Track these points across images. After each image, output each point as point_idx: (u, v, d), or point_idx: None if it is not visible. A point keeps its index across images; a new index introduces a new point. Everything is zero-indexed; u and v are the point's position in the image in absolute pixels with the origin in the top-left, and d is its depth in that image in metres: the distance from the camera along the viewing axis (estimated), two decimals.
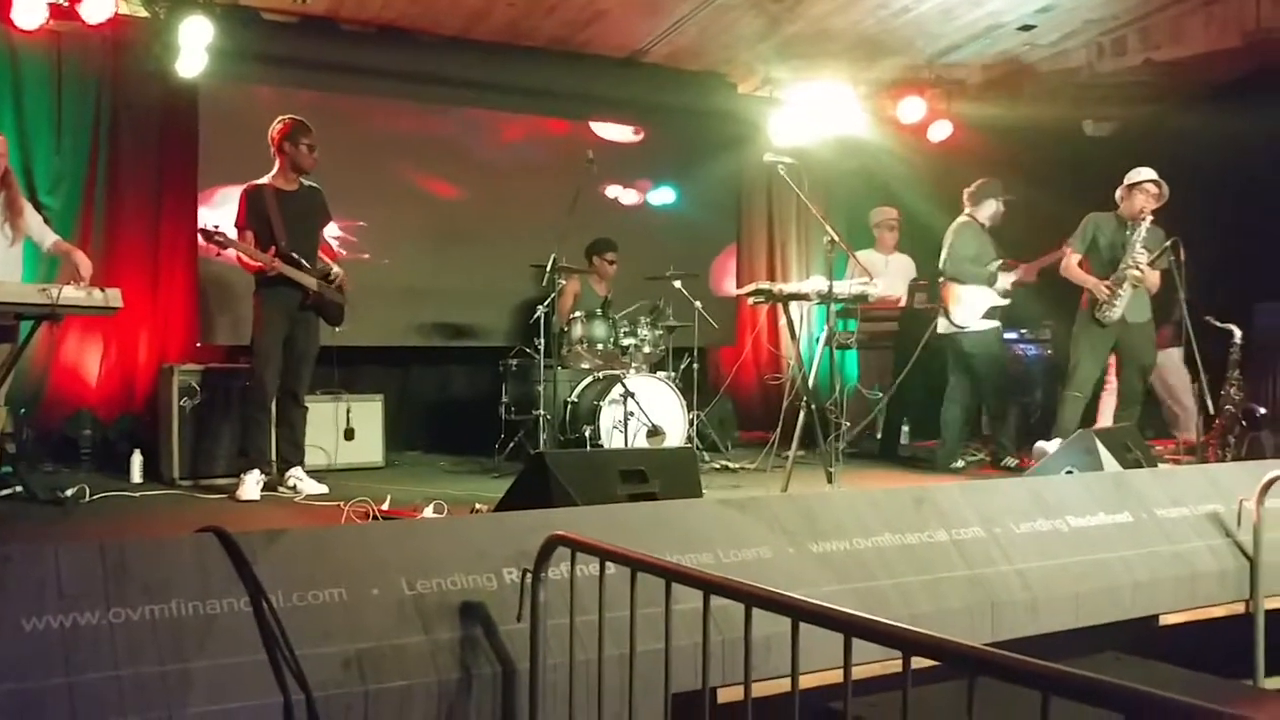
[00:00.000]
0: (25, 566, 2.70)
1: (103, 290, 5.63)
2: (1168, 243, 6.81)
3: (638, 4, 7.66)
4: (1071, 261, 7.05)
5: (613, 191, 8.85)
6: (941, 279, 7.50)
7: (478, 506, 5.19)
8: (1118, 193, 7.00)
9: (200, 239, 6.07)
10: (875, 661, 2.19)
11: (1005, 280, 7.37)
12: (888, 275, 8.37)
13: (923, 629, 1.88)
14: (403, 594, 3.01)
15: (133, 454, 6.48)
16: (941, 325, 7.44)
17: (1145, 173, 6.90)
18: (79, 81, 7.34)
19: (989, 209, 7.47)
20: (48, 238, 5.94)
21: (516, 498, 4.14)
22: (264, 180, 6.11)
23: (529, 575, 2.88)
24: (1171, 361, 7.85)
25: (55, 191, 7.23)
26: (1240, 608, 4.54)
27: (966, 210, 7.55)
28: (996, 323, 7.43)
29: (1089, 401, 7.08)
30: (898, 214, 9.00)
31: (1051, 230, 7.41)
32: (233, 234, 5.99)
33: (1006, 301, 7.37)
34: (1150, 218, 6.88)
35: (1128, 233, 6.88)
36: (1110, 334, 6.88)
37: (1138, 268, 6.78)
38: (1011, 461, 7.35)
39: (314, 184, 6.29)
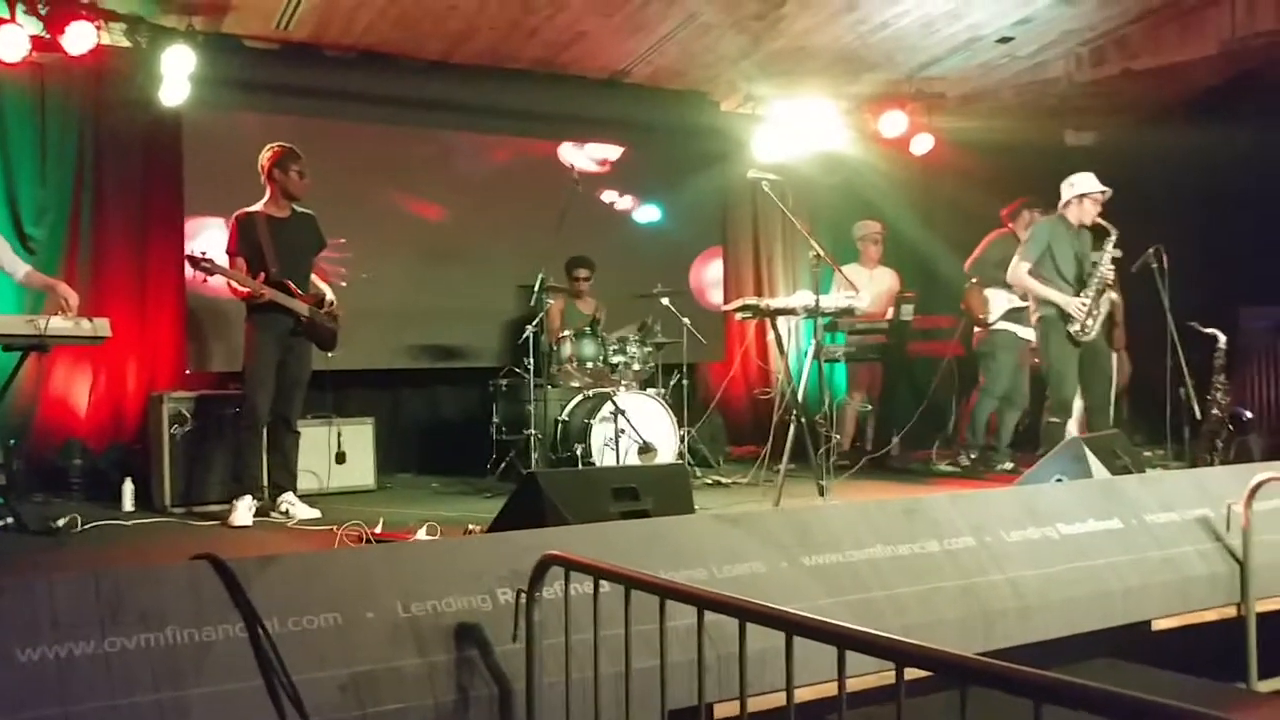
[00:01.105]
0: (19, 598, 2.70)
1: (90, 320, 5.63)
2: (1150, 250, 6.85)
3: (619, 25, 7.69)
4: (1023, 270, 6.85)
5: (598, 211, 8.85)
6: (970, 282, 7.66)
7: (471, 527, 5.19)
8: (1064, 200, 6.90)
9: (188, 265, 6.07)
10: (871, 674, 2.19)
11: None
12: (872, 288, 8.40)
13: (916, 639, 1.89)
14: (397, 617, 3.01)
15: (124, 483, 6.46)
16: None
17: (1092, 181, 6.84)
18: (62, 112, 7.33)
19: (1025, 220, 7.69)
20: (19, 268, 5.88)
21: (509, 518, 4.14)
22: (255, 207, 6.13)
23: (523, 595, 2.88)
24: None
25: (41, 222, 7.21)
26: (1231, 611, 4.56)
27: (1007, 225, 7.85)
28: (1011, 325, 7.54)
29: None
30: (881, 227, 9.03)
31: None
32: (222, 260, 6.00)
33: (1025, 304, 7.35)
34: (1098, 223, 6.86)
35: (1078, 242, 6.82)
36: (1078, 348, 6.82)
37: (1110, 284, 6.77)
38: (1008, 465, 7.37)
39: (307, 210, 6.31)
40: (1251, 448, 7.19)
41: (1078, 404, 7.07)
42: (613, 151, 9.00)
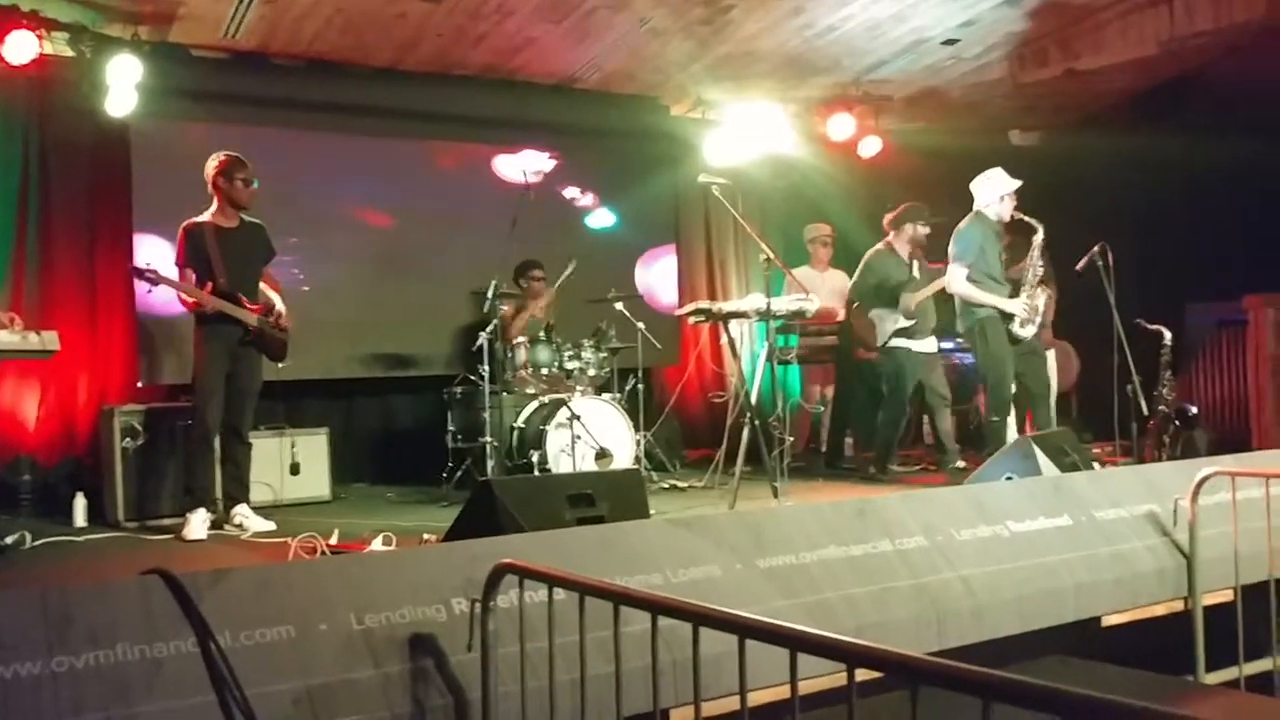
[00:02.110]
0: None
1: (38, 333, 5.54)
2: (1095, 248, 6.92)
3: (567, 30, 7.69)
4: (961, 277, 6.79)
5: (550, 217, 8.82)
6: (853, 306, 7.65)
7: (426, 537, 5.16)
8: (983, 201, 6.89)
9: (134, 278, 6.02)
10: (825, 675, 2.20)
11: (907, 301, 7.41)
12: (823, 291, 8.42)
13: (870, 640, 1.90)
14: (351, 628, 2.99)
15: (75, 497, 6.37)
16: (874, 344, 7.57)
17: (1007, 179, 6.84)
18: (5, 123, 7.22)
19: (908, 234, 7.56)
20: None
21: (464, 526, 4.12)
22: (203, 218, 6.07)
23: (478, 605, 2.87)
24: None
25: None
26: (1180, 605, 4.61)
27: (887, 238, 7.65)
28: (906, 342, 7.48)
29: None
30: (831, 230, 9.08)
31: None
32: (171, 272, 5.95)
33: (911, 323, 7.39)
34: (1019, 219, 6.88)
35: (1003, 239, 6.89)
36: (1014, 345, 6.81)
37: (1045, 279, 6.82)
38: (960, 464, 7.40)
39: (256, 220, 6.26)
40: (1197, 443, 7.28)
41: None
42: (547, 163, 8.96)
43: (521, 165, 8.09)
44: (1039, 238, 6.80)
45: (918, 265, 7.54)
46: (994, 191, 6.84)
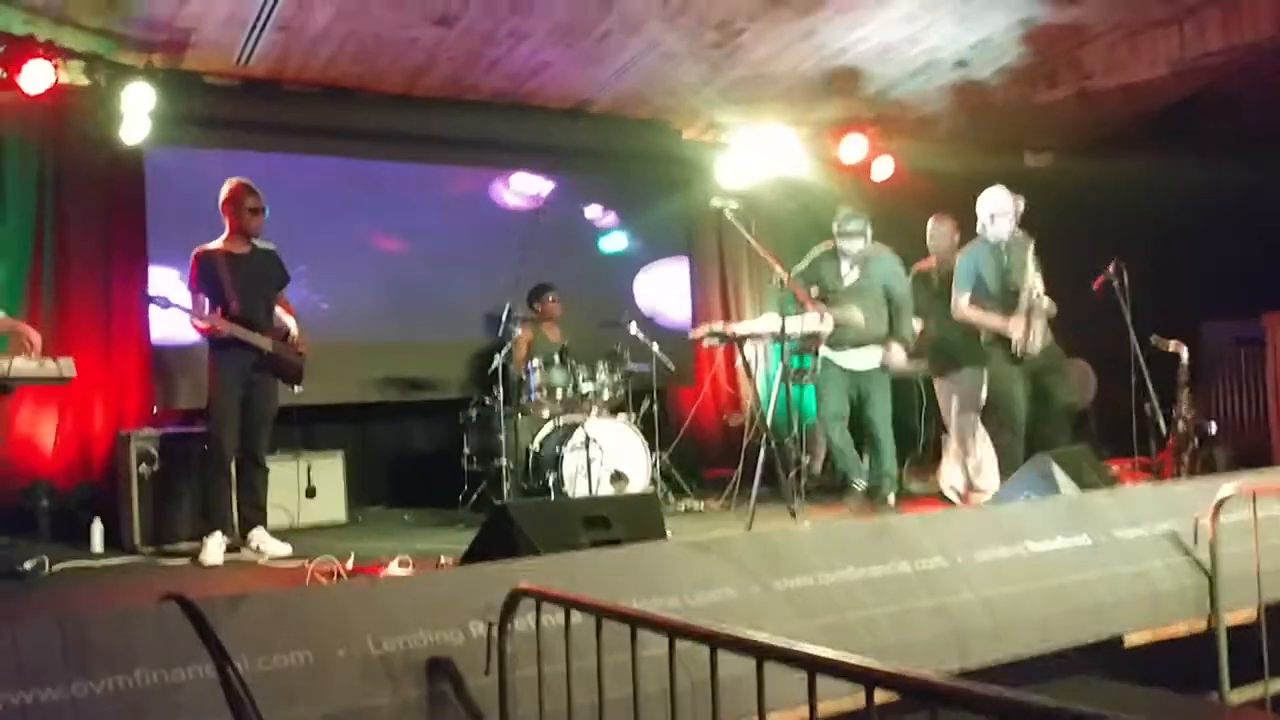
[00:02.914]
0: None
1: (55, 360, 5.58)
2: (1110, 267, 6.89)
3: (580, 55, 7.72)
4: (963, 303, 6.79)
5: (563, 240, 8.84)
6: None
7: (443, 560, 5.16)
8: (979, 223, 6.84)
9: (148, 304, 6.07)
10: (844, 697, 2.19)
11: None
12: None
13: (890, 661, 1.89)
14: (369, 653, 2.98)
15: (92, 523, 6.39)
16: None
17: (1001, 197, 6.74)
18: (21, 152, 7.28)
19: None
20: None
21: (481, 550, 4.12)
22: (215, 244, 6.11)
23: (494, 628, 2.86)
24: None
25: (1, 262, 7.15)
26: (1202, 624, 4.57)
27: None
28: (827, 351, 7.26)
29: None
30: None
31: None
32: (185, 298, 5.99)
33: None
34: (1019, 233, 6.83)
35: (1006, 259, 6.74)
36: (1023, 365, 6.74)
37: (1041, 293, 6.75)
38: (890, 499, 6.91)
39: (268, 246, 6.29)
40: (1217, 460, 7.25)
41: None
42: (544, 185, 8.97)
43: (517, 189, 8.13)
44: (1029, 250, 6.75)
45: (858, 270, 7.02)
46: (984, 211, 6.77)
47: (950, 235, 7.59)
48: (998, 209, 6.72)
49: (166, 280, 6.96)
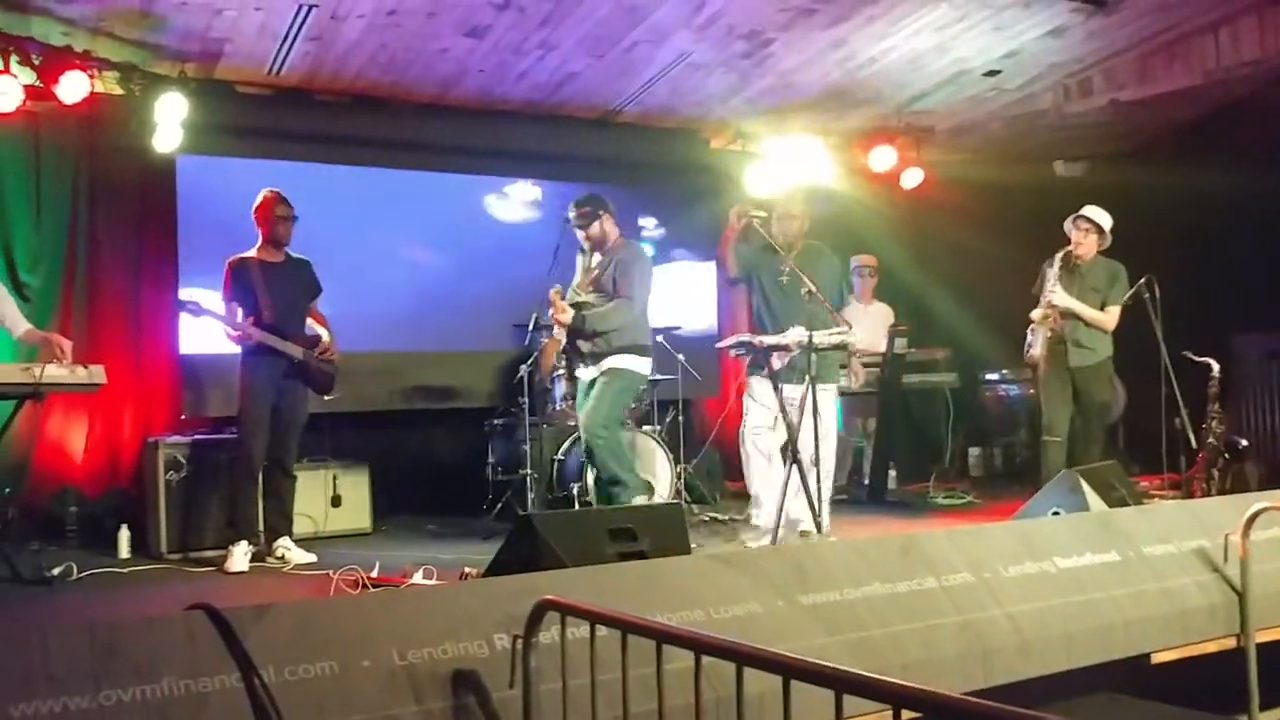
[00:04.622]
0: (12, 650, 2.68)
1: (86, 367, 5.65)
2: (1141, 280, 6.86)
3: (609, 65, 7.75)
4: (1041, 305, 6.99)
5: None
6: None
7: (467, 570, 5.17)
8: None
9: (178, 310, 6.13)
10: (871, 713, 2.19)
11: None
12: (866, 323, 8.37)
13: (915, 678, 1.89)
14: (394, 664, 3.00)
15: (120, 529, 6.44)
16: None
17: (1085, 210, 6.86)
18: (57, 160, 7.36)
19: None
20: (20, 325, 5.92)
21: (505, 561, 4.13)
22: (249, 253, 6.19)
23: (519, 641, 2.87)
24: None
25: (35, 269, 7.24)
26: (1231, 642, 4.54)
27: None
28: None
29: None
30: (875, 261, 9.06)
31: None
32: (216, 306, 6.05)
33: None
34: (1089, 257, 6.86)
35: (1076, 274, 6.85)
36: (1065, 374, 6.86)
37: (1048, 306, 6.78)
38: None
39: (302, 256, 6.36)
40: (1248, 476, 7.19)
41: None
42: (533, 191, 8.99)
43: (511, 199, 8.20)
44: (1054, 267, 6.79)
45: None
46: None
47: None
48: (1073, 220, 6.90)
49: (196, 288, 7.01)
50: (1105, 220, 6.87)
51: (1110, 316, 6.88)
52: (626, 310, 6.16)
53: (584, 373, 6.30)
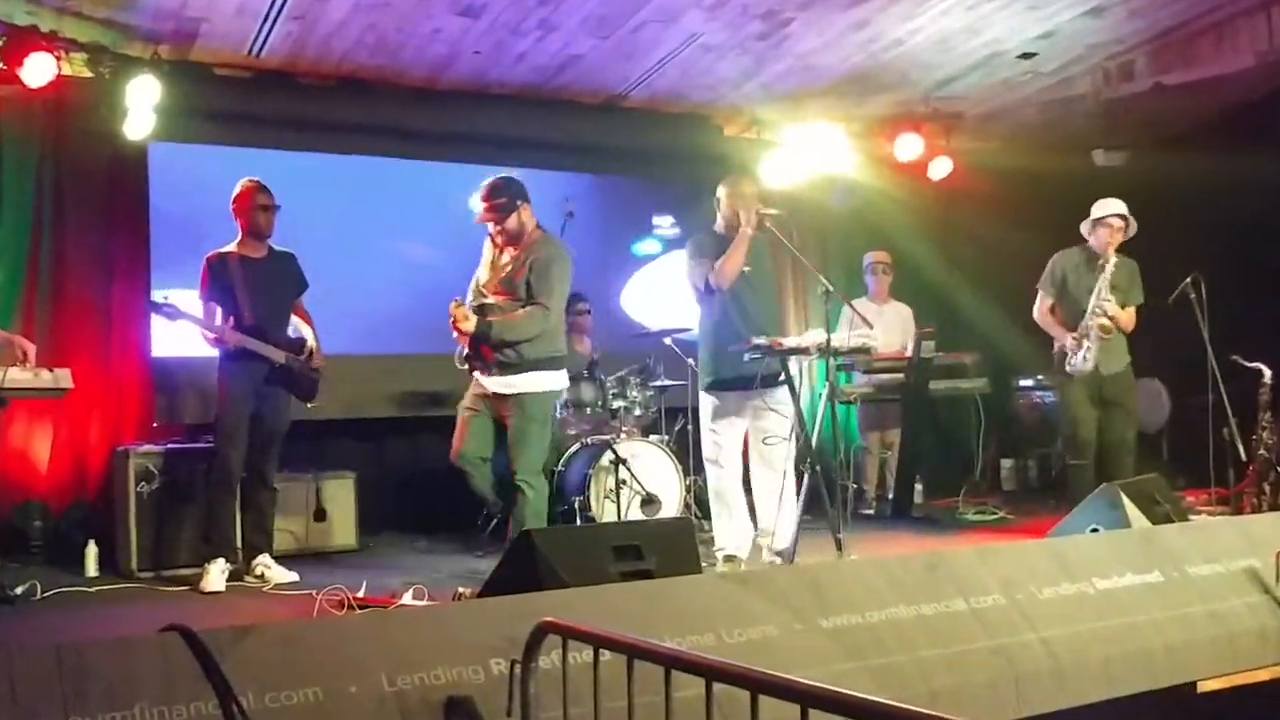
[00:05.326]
0: None
1: (50, 371, 5.66)
2: (1187, 279, 6.87)
3: (614, 47, 7.75)
4: (1043, 306, 7.14)
5: (594, 242, 8.86)
6: None
7: (461, 591, 5.19)
8: (1083, 226, 7.07)
9: (150, 311, 6.13)
10: None
11: None
12: (882, 324, 8.33)
13: (943, 707, 1.90)
14: (383, 691, 3.01)
15: (87, 545, 6.46)
16: None
17: (1111, 205, 6.92)
18: (20, 148, 7.36)
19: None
20: None
21: (502, 580, 4.14)
22: (229, 248, 6.20)
23: (518, 666, 2.88)
24: None
25: None
26: None
27: None
28: None
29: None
30: (890, 258, 9.06)
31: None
32: (192, 305, 6.06)
33: None
34: (1114, 256, 6.91)
35: (1099, 274, 6.91)
36: (1091, 385, 6.88)
37: (1106, 315, 6.79)
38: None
39: (286, 250, 6.37)
40: None
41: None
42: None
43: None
44: (1105, 270, 6.81)
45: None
46: (1094, 215, 6.98)
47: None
48: (1102, 217, 6.93)
49: (170, 286, 7.03)
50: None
51: (1132, 318, 6.93)
52: (542, 320, 5.73)
53: (490, 382, 5.77)
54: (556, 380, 5.90)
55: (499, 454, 5.87)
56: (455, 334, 5.85)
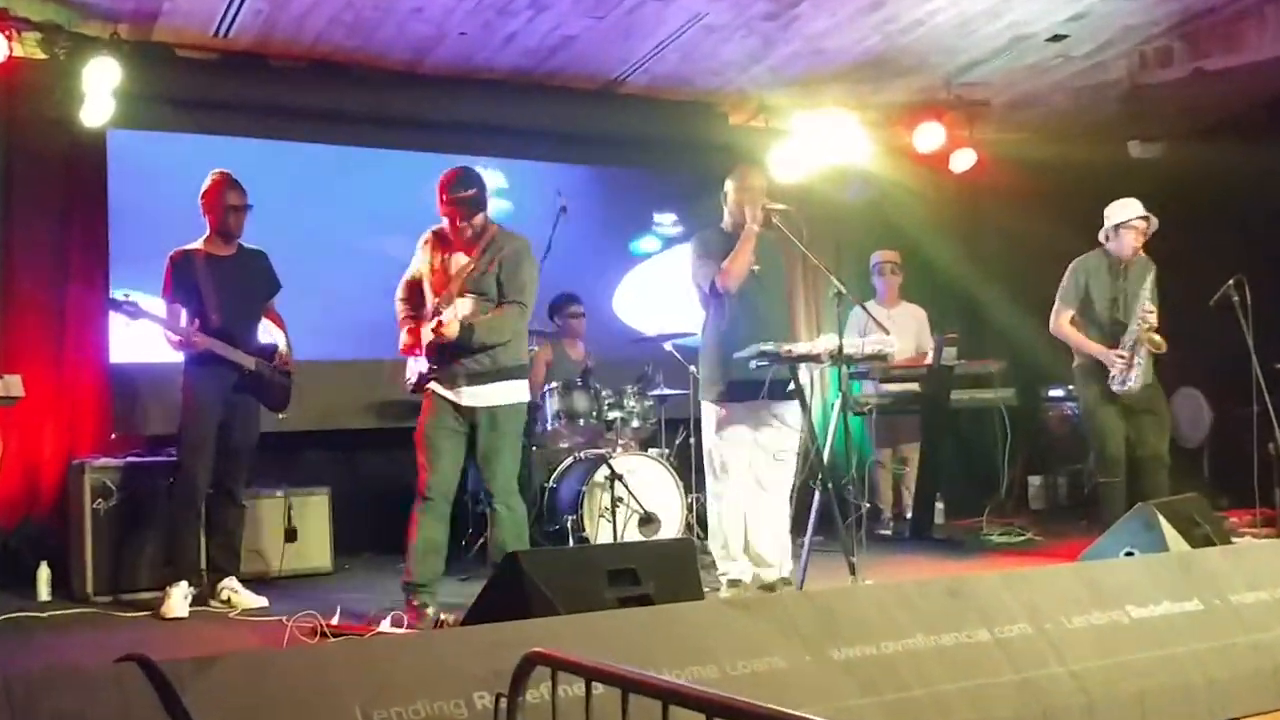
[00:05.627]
0: None
1: (0, 377, 5.65)
2: (1230, 281, 6.88)
3: (611, 28, 7.76)
4: (1063, 319, 7.06)
5: (589, 240, 8.87)
6: None
7: (443, 618, 5.20)
8: (1101, 232, 7.04)
9: (110, 310, 6.12)
10: None
11: None
12: (894, 329, 8.29)
13: None
14: None
15: (39, 567, 6.45)
16: None
17: (1133, 207, 6.91)
18: None
19: None
20: None
21: (487, 607, 4.14)
22: (195, 245, 6.20)
23: (504, 700, 2.88)
24: None
25: None
26: None
27: None
28: None
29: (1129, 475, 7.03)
30: (899, 257, 9.06)
31: None
32: (155, 305, 6.05)
33: None
34: (1143, 256, 6.92)
35: (1122, 280, 6.91)
36: (1122, 399, 6.88)
37: (1152, 327, 6.77)
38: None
39: (257, 248, 6.38)
40: None
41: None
42: (492, 179, 8.98)
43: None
44: (1149, 278, 6.80)
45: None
46: (1109, 221, 6.95)
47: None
48: (1120, 218, 6.82)
49: (131, 286, 7.02)
50: None
51: None
52: (519, 318, 5.70)
53: (459, 394, 5.65)
54: (525, 392, 5.86)
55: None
56: (416, 349, 5.74)
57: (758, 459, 6.19)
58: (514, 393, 5.72)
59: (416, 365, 5.76)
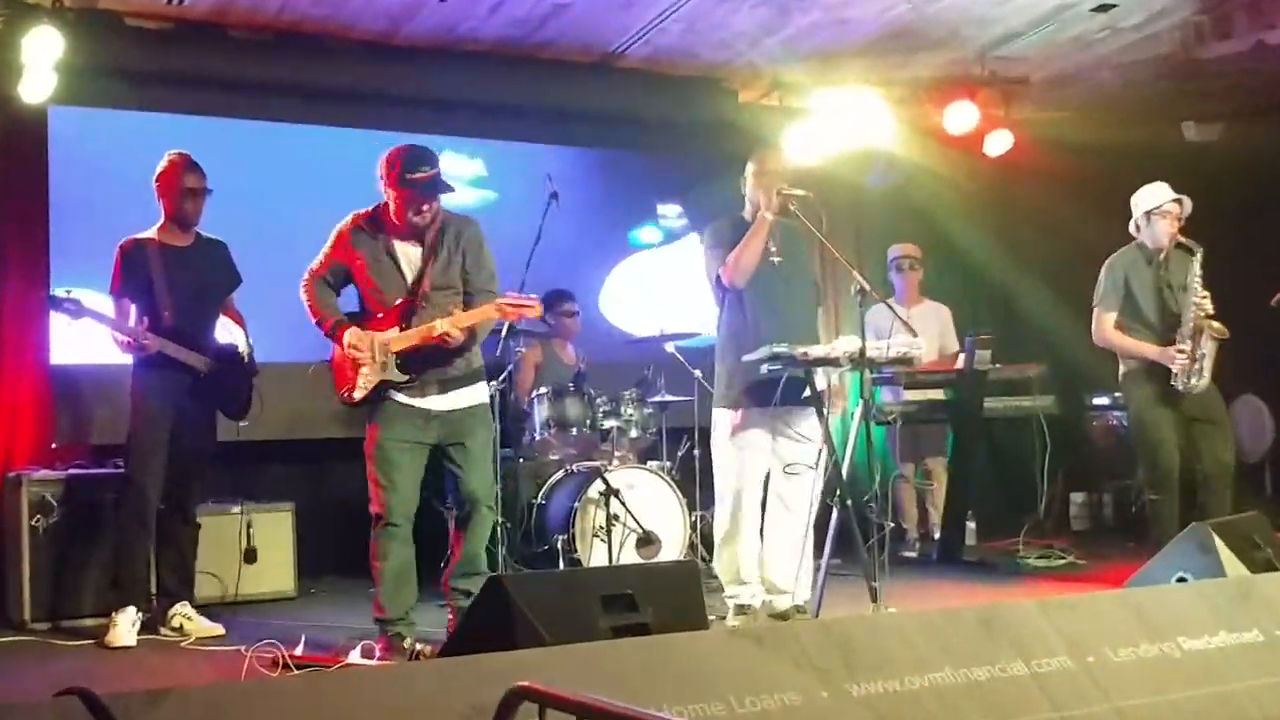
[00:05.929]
0: None
1: None
2: None
3: None
4: (1107, 326, 7.03)
5: (584, 230, 8.88)
6: None
7: (419, 648, 5.20)
8: (1131, 223, 7.07)
9: (50, 309, 6.12)
10: None
11: None
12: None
13: None
14: None
15: None
16: None
17: (1162, 191, 6.92)
18: None
19: None
20: None
21: (469, 636, 4.14)
22: (147, 234, 6.20)
23: None
24: None
25: None
26: None
27: None
28: None
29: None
30: (918, 250, 9.07)
31: None
32: (101, 302, 6.06)
33: None
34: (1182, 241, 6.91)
35: (1163, 271, 6.91)
36: (1170, 400, 6.86)
37: (1209, 313, 6.77)
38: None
39: (216, 238, 6.38)
40: None
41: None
42: (470, 166, 9.00)
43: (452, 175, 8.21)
44: (1196, 263, 6.79)
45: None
46: (1138, 209, 6.99)
47: None
48: (1152, 204, 6.79)
49: (74, 281, 7.02)
50: None
51: None
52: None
53: (432, 402, 5.64)
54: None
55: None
56: (359, 358, 5.69)
57: (776, 471, 6.19)
58: (484, 392, 5.84)
59: (370, 375, 5.65)
